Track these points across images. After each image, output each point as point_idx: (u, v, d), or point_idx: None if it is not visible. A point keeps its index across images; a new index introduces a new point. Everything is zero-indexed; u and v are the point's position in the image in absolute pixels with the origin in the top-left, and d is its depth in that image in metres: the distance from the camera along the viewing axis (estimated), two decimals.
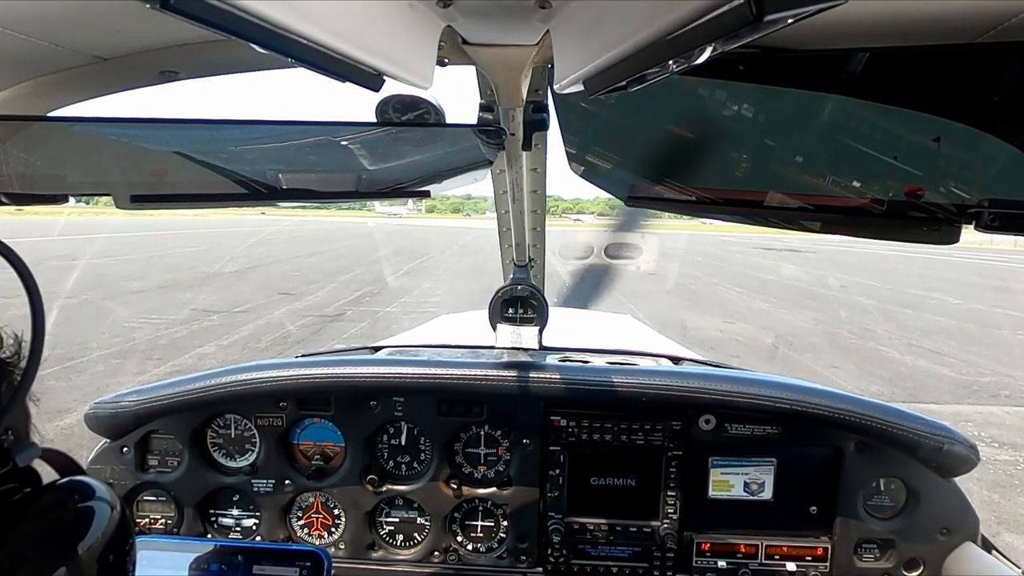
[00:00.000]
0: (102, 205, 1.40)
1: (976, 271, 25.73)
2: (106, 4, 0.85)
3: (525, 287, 2.11)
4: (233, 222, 48.01)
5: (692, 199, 1.25)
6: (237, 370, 1.93)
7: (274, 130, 1.29)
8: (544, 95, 1.17)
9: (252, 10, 0.44)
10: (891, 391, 8.72)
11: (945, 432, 1.79)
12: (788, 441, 1.87)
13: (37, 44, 0.93)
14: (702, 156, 1.22)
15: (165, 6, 0.39)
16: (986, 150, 0.93)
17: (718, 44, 0.46)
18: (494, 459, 1.98)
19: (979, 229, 0.99)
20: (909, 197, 1.03)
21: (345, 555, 1.99)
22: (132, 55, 1.05)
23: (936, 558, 1.85)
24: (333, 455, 2.00)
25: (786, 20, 0.39)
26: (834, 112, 0.98)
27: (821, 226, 1.19)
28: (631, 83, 0.60)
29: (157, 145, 1.30)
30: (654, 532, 1.91)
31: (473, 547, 2.00)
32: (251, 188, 1.33)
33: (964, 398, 8.65)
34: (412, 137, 1.32)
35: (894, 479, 1.88)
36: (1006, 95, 0.86)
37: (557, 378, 1.87)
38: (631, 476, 1.93)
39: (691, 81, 1.01)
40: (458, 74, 0.92)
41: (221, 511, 2.02)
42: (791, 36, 0.86)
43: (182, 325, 11.51)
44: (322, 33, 0.52)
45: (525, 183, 1.71)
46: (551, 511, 1.94)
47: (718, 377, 1.88)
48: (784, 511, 1.91)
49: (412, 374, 1.90)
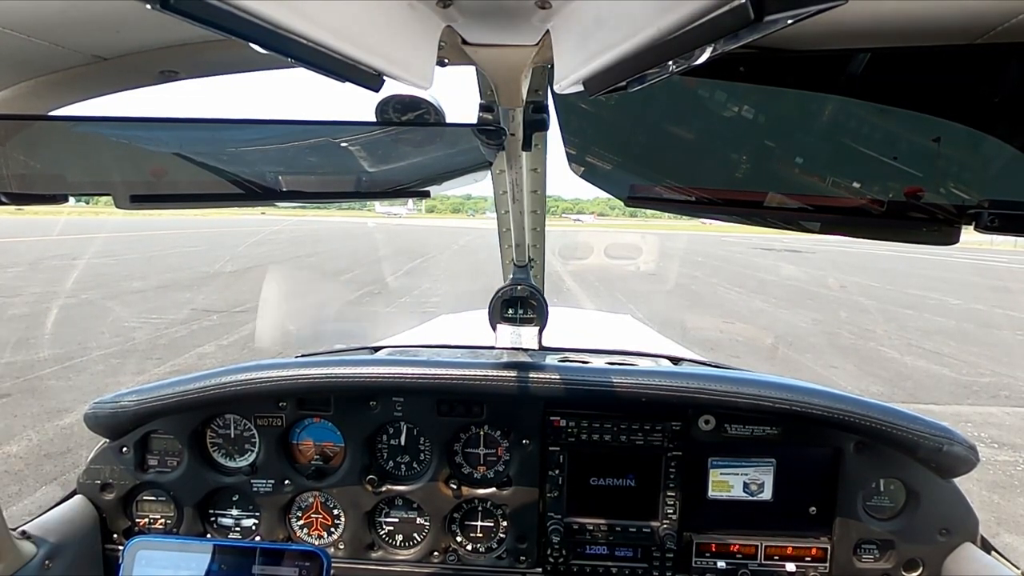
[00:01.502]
0: (102, 205, 1.40)
1: (976, 271, 25.74)
2: (106, 4, 0.85)
3: (525, 287, 2.11)
4: (233, 222, 48.00)
5: (692, 199, 1.25)
6: (237, 370, 1.93)
7: (274, 130, 1.29)
8: (544, 95, 1.17)
9: (252, 10, 0.44)
10: (891, 391, 8.73)
11: (945, 433, 1.79)
12: (788, 441, 1.87)
13: (37, 44, 0.93)
14: (702, 156, 1.22)
15: (165, 6, 0.39)
16: (986, 150, 0.93)
17: (718, 44, 0.46)
18: (494, 459, 1.98)
19: (979, 230, 0.99)
20: (909, 197, 1.03)
21: (345, 555, 1.99)
22: (132, 55, 1.05)
23: (935, 559, 1.85)
24: (333, 455, 2.00)
25: (786, 20, 0.39)
26: (834, 112, 0.98)
27: (821, 226, 1.18)
28: (631, 83, 0.60)
29: (157, 145, 1.29)
30: (654, 532, 1.91)
31: (472, 547, 2.00)
32: (251, 188, 1.33)
33: (964, 398, 8.65)
34: (412, 137, 1.32)
35: (894, 480, 1.88)
36: (1006, 96, 0.86)
37: (557, 378, 1.87)
38: (631, 476, 1.93)
39: (691, 81, 1.01)
40: (458, 74, 0.92)
41: (220, 511, 2.02)
42: (791, 36, 0.86)
43: (182, 325, 11.51)
44: (322, 33, 0.52)
45: (525, 183, 1.71)
46: (551, 511, 1.94)
47: (718, 377, 1.88)
48: (784, 511, 1.91)
49: (412, 374, 1.90)
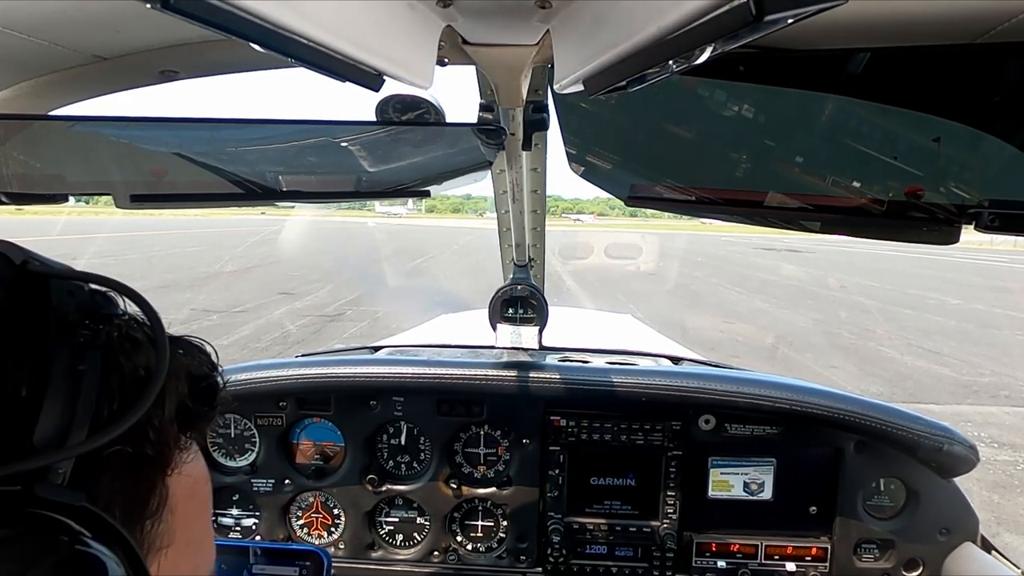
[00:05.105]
0: (102, 205, 1.40)
1: (976, 271, 25.73)
2: (106, 4, 0.85)
3: (525, 287, 2.11)
4: (233, 222, 48.01)
5: (692, 199, 1.25)
6: (237, 370, 1.93)
7: (274, 130, 1.29)
8: (544, 95, 1.17)
9: (252, 10, 0.44)
10: (891, 391, 8.73)
11: (945, 432, 1.79)
12: (788, 441, 1.87)
13: (37, 44, 0.93)
14: (702, 156, 1.21)
15: (165, 6, 0.39)
16: (986, 150, 0.93)
17: (718, 44, 0.46)
18: (494, 459, 1.98)
19: (979, 229, 0.99)
20: (909, 197, 1.03)
21: (345, 555, 1.99)
22: (132, 55, 1.05)
23: (936, 558, 1.85)
24: (333, 455, 2.00)
25: (786, 20, 0.39)
26: (834, 112, 0.98)
27: (821, 226, 1.18)
28: (631, 83, 0.60)
29: (157, 145, 1.29)
30: (654, 532, 1.91)
31: (473, 547, 2.00)
32: (251, 188, 1.33)
33: (964, 398, 8.65)
34: (412, 137, 1.32)
35: (894, 479, 1.88)
36: (1006, 95, 0.86)
37: (557, 378, 1.87)
38: (631, 476, 1.93)
39: (691, 81, 1.01)
40: (458, 74, 0.92)
41: (220, 511, 2.02)
42: (791, 36, 0.86)
43: (182, 325, 11.45)
44: (322, 33, 0.52)
45: (525, 183, 1.71)
46: (551, 511, 1.94)
47: (718, 377, 1.88)
48: (784, 511, 1.91)
49: (412, 374, 1.90)
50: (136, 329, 0.50)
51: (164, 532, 0.50)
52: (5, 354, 0.41)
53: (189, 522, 0.55)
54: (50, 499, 0.38)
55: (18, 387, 0.40)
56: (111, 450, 0.43)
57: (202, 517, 0.60)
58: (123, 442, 0.44)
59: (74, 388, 0.41)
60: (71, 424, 0.40)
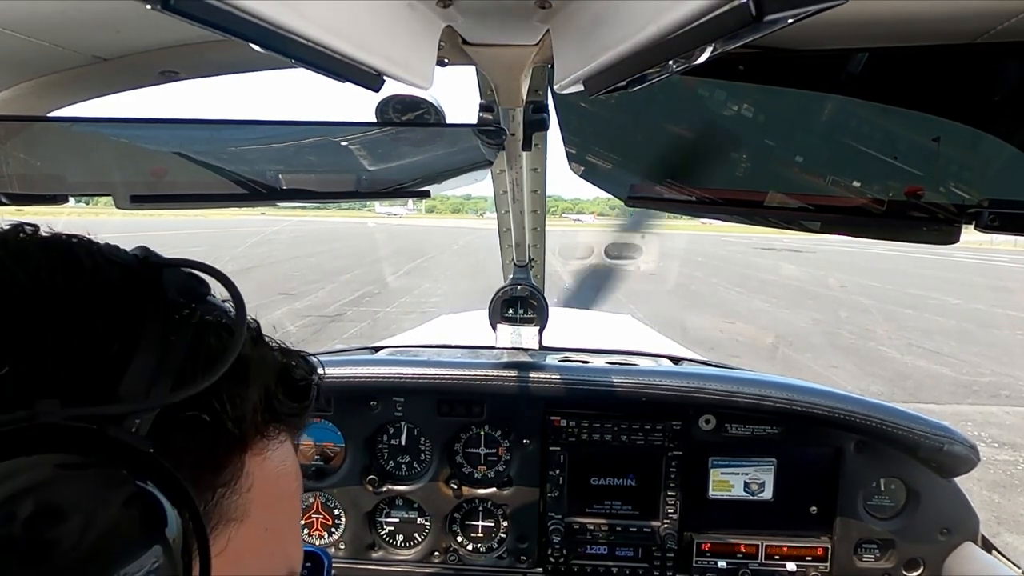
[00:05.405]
0: (102, 205, 1.40)
1: (976, 271, 25.73)
2: (106, 4, 0.85)
3: (525, 287, 2.11)
4: (233, 222, 48.00)
5: (692, 199, 1.25)
6: None
7: (274, 130, 1.29)
8: (544, 95, 1.17)
9: (252, 10, 0.44)
10: (891, 391, 8.73)
11: (945, 432, 1.79)
12: (788, 441, 1.87)
13: (37, 44, 0.93)
14: (702, 156, 1.21)
15: (165, 6, 0.39)
16: (986, 150, 0.93)
17: (718, 44, 0.46)
18: (494, 459, 1.98)
19: (979, 229, 0.99)
20: (909, 197, 1.03)
21: (345, 555, 1.99)
22: (132, 55, 1.05)
23: (936, 558, 1.85)
24: (333, 455, 2.00)
25: (786, 20, 0.39)
26: (834, 112, 0.98)
27: (821, 226, 1.18)
28: (631, 83, 0.60)
29: (157, 145, 1.29)
30: (654, 532, 1.91)
31: (473, 547, 2.00)
32: (251, 188, 1.33)
33: (964, 398, 8.66)
34: (412, 137, 1.32)
35: (894, 479, 1.88)
36: (1006, 95, 0.86)
37: (557, 378, 1.87)
38: (631, 476, 1.93)
39: (691, 81, 1.01)
40: (458, 74, 0.92)
41: None
42: (791, 36, 0.86)
43: None
44: (322, 33, 0.52)
45: (525, 183, 1.71)
46: (551, 511, 1.94)
47: (718, 377, 1.88)
48: (784, 511, 1.91)
49: (412, 374, 1.90)
50: (223, 313, 0.55)
51: (238, 505, 0.51)
52: (106, 317, 0.45)
53: (269, 507, 0.55)
54: (121, 439, 0.41)
55: (111, 344, 0.44)
56: (188, 413, 0.46)
57: (286, 508, 0.61)
58: (200, 408, 0.47)
59: (162, 353, 0.45)
60: (154, 382, 0.44)
